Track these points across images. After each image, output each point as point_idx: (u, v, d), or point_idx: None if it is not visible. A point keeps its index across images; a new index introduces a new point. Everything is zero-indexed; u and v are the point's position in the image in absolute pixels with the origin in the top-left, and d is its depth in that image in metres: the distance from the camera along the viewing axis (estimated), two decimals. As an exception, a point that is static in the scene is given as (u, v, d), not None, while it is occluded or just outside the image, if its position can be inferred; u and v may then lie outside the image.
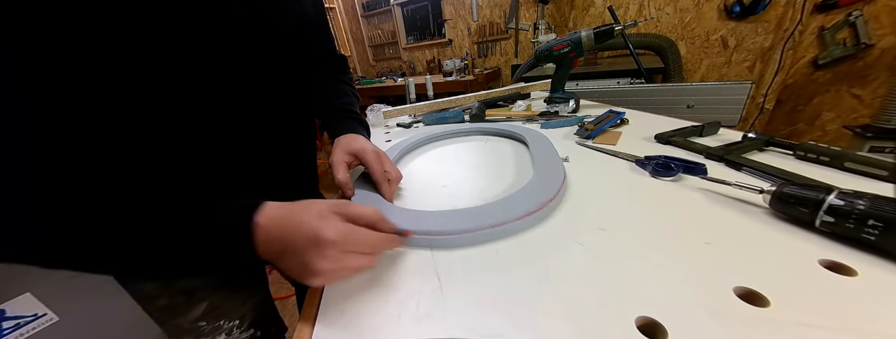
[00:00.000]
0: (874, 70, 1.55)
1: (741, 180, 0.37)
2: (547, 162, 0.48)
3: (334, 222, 0.27)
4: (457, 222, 0.35)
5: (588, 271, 0.29)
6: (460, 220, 0.35)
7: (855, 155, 0.40)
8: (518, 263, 0.31)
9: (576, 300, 0.26)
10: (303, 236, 0.26)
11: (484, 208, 0.38)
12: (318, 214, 0.28)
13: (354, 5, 3.47)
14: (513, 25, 2.14)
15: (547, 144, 0.56)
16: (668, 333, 0.22)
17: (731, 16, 1.75)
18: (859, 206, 0.27)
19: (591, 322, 0.24)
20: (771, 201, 0.33)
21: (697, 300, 0.25)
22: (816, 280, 0.25)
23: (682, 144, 0.54)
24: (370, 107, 0.99)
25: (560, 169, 0.45)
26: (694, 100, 1.13)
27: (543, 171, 0.45)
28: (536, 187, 0.41)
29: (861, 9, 1.48)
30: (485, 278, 0.29)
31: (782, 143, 0.49)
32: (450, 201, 0.45)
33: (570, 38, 0.81)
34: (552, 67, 0.89)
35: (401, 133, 0.86)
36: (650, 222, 0.35)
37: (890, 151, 1.32)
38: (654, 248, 0.31)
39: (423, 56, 3.28)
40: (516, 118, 0.83)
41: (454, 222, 0.35)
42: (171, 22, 0.31)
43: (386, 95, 2.88)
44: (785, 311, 0.23)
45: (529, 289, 0.28)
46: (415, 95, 1.54)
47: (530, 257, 0.32)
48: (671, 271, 0.28)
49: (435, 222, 0.36)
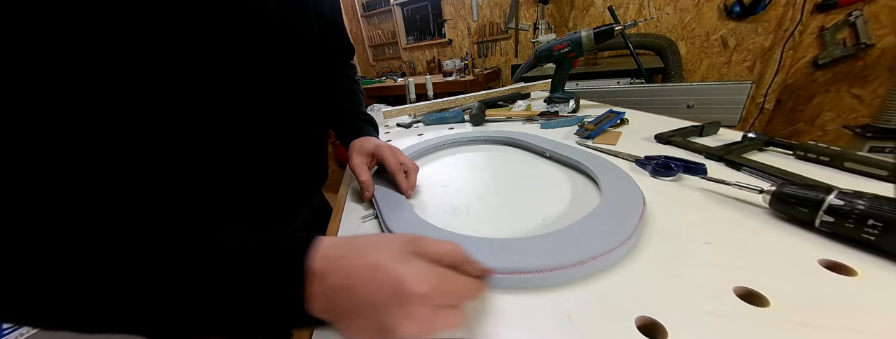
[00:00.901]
0: (874, 70, 1.55)
1: (741, 179, 0.37)
2: (615, 179, 0.41)
3: (419, 266, 0.21)
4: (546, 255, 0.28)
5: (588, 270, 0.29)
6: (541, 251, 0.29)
7: (855, 155, 0.40)
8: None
9: (576, 300, 0.26)
10: (382, 287, 0.19)
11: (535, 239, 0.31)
12: (395, 255, 0.21)
13: (354, 5, 3.47)
14: (513, 25, 2.14)
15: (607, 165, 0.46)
16: (668, 333, 0.22)
17: (731, 16, 1.75)
18: (859, 206, 0.27)
19: (591, 322, 0.24)
20: (771, 201, 0.33)
21: (697, 300, 0.24)
22: (816, 280, 0.25)
23: (681, 144, 0.54)
24: (370, 107, 1.00)
25: (635, 190, 0.38)
26: (694, 100, 1.13)
27: (614, 192, 0.38)
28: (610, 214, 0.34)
29: (861, 9, 1.48)
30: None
31: (782, 143, 0.49)
32: (450, 199, 0.45)
33: (570, 38, 0.81)
34: (552, 67, 0.89)
35: (401, 133, 0.86)
36: (650, 223, 0.35)
37: (890, 151, 1.32)
38: (653, 248, 0.31)
39: (423, 56, 3.28)
40: (516, 118, 0.83)
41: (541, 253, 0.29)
42: (191, 25, 0.30)
43: (386, 94, 2.88)
44: (785, 311, 0.23)
45: (529, 289, 0.28)
46: (415, 95, 1.55)
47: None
48: (671, 271, 0.28)
49: (523, 255, 0.28)
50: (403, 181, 0.45)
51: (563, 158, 0.52)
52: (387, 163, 0.47)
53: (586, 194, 0.43)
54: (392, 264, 0.20)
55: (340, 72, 0.62)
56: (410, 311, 0.19)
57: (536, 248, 0.29)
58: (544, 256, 0.28)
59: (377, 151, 0.48)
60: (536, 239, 0.31)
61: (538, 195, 0.44)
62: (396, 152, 0.48)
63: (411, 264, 0.20)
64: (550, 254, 0.28)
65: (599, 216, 0.33)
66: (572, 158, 0.50)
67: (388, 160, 0.47)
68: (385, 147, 0.48)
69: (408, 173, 0.47)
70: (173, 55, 0.29)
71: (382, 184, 0.47)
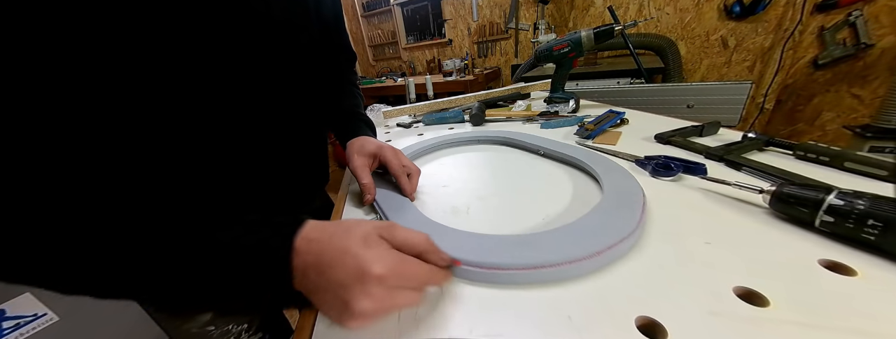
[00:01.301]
0: (874, 70, 1.55)
1: (741, 179, 0.37)
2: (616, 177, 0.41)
3: (382, 250, 0.23)
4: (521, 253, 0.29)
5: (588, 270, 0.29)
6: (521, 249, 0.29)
7: (855, 155, 0.40)
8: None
9: (576, 300, 0.26)
10: (347, 267, 0.22)
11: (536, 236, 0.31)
12: (363, 239, 0.23)
13: (354, 5, 3.47)
14: (513, 25, 2.14)
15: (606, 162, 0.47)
16: (667, 333, 0.22)
17: (731, 16, 1.75)
18: (859, 206, 0.27)
19: (591, 322, 0.24)
20: (771, 201, 0.33)
21: (697, 300, 0.25)
22: (816, 280, 0.25)
23: (681, 144, 0.54)
24: (370, 107, 0.99)
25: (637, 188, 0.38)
26: (694, 100, 1.13)
27: (615, 191, 0.38)
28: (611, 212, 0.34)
29: (861, 9, 1.48)
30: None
31: (782, 143, 0.49)
32: (450, 200, 0.45)
33: (570, 38, 0.81)
34: (552, 67, 0.89)
35: (401, 133, 0.86)
36: (650, 222, 0.35)
37: (890, 151, 1.32)
38: (653, 248, 0.31)
39: (423, 56, 3.28)
40: (516, 118, 0.83)
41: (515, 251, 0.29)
42: (195, 27, 0.30)
43: (386, 94, 2.88)
44: (785, 311, 0.23)
45: (529, 288, 0.28)
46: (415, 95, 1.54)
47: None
48: (671, 271, 0.28)
49: (495, 251, 0.30)
50: (407, 184, 0.45)
51: (558, 155, 0.53)
52: (390, 165, 0.46)
53: (588, 192, 0.43)
54: (357, 247, 0.23)
55: (343, 75, 0.62)
56: (368, 289, 0.22)
57: (549, 243, 0.30)
58: (559, 251, 0.29)
59: (379, 152, 0.47)
60: (548, 234, 0.31)
61: (538, 195, 0.44)
62: (399, 154, 0.47)
63: (375, 250, 0.23)
64: (565, 248, 0.29)
65: (606, 210, 0.34)
66: (569, 155, 0.51)
67: (392, 162, 0.46)
68: (387, 149, 0.47)
69: (410, 176, 0.46)
70: (177, 56, 0.29)
71: (383, 186, 0.47)
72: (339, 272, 0.22)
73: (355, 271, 0.22)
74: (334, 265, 0.22)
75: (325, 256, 0.23)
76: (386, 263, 0.22)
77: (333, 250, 0.23)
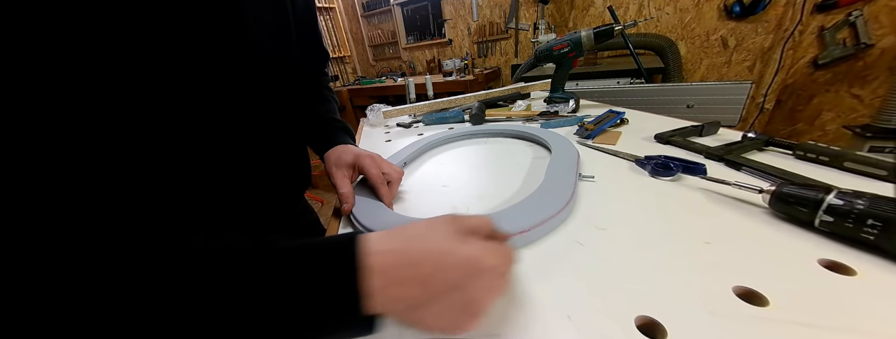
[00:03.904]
0: (874, 70, 1.55)
1: (741, 179, 0.37)
2: (561, 168, 0.46)
3: (478, 242, 0.22)
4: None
5: (588, 270, 0.29)
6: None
7: (854, 155, 0.40)
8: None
9: (576, 300, 0.26)
10: (456, 267, 0.20)
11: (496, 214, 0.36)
12: (450, 235, 0.22)
13: (354, 5, 3.47)
14: (513, 25, 2.14)
15: (567, 151, 0.52)
16: (667, 333, 0.22)
17: (731, 16, 1.75)
18: (858, 205, 0.27)
19: (591, 322, 0.24)
20: (770, 201, 0.33)
21: (697, 300, 0.25)
22: (816, 280, 0.26)
23: (681, 144, 0.54)
24: (370, 107, 0.99)
25: (572, 179, 0.42)
26: (694, 100, 1.13)
27: (555, 179, 0.43)
28: (546, 196, 0.39)
29: (861, 9, 1.48)
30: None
31: (782, 143, 0.49)
32: (450, 200, 0.45)
33: (570, 38, 0.81)
34: (552, 67, 0.89)
35: (401, 133, 0.86)
36: (650, 222, 0.35)
37: (890, 150, 1.32)
38: (653, 248, 0.31)
39: (423, 56, 3.28)
40: (516, 118, 0.83)
41: None
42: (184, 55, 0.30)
43: (386, 94, 2.88)
44: (784, 311, 0.23)
45: (529, 289, 0.28)
46: (415, 95, 1.54)
47: (529, 256, 0.32)
48: (671, 271, 0.28)
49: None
50: (386, 194, 0.44)
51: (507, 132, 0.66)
52: (369, 174, 0.45)
53: (583, 188, 0.43)
54: (454, 246, 0.21)
55: (316, 78, 0.61)
56: (487, 283, 0.21)
57: (512, 214, 0.35)
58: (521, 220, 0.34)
59: (357, 161, 0.46)
60: (510, 209, 0.37)
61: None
62: (378, 161, 0.46)
63: (472, 243, 0.22)
64: (525, 218, 0.34)
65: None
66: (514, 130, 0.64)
67: (370, 171, 0.45)
68: (365, 157, 0.46)
69: (390, 184, 0.45)
70: (166, 80, 0.29)
71: (365, 194, 0.45)
72: (448, 275, 0.20)
73: (467, 269, 0.20)
74: (437, 271, 0.20)
75: (420, 267, 0.20)
76: (489, 252, 0.22)
77: (428, 255, 0.21)
